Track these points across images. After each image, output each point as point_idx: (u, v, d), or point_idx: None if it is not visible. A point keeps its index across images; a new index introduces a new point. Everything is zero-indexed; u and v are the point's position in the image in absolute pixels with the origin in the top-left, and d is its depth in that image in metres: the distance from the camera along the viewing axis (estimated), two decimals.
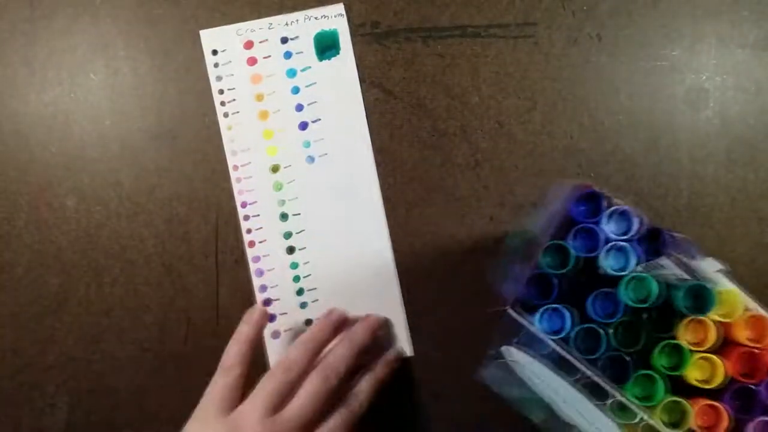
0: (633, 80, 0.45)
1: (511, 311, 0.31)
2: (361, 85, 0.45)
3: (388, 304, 0.45)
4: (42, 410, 0.45)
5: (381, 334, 0.44)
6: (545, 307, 0.32)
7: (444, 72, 0.45)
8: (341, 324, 0.43)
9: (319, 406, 0.38)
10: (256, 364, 0.41)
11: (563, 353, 0.31)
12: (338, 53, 0.44)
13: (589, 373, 0.31)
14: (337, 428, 0.39)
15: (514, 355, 0.32)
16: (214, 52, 0.44)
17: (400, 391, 0.46)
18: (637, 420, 0.31)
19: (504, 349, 0.32)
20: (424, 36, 0.45)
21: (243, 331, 0.41)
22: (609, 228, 0.33)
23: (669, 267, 0.34)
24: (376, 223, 0.45)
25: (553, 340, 0.31)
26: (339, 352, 0.41)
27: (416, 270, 0.45)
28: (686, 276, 0.34)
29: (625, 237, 0.33)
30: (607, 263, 0.33)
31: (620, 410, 0.32)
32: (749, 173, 0.45)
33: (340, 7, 0.44)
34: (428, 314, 0.46)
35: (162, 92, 0.44)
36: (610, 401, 0.31)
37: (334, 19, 0.44)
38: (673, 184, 0.46)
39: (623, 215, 0.33)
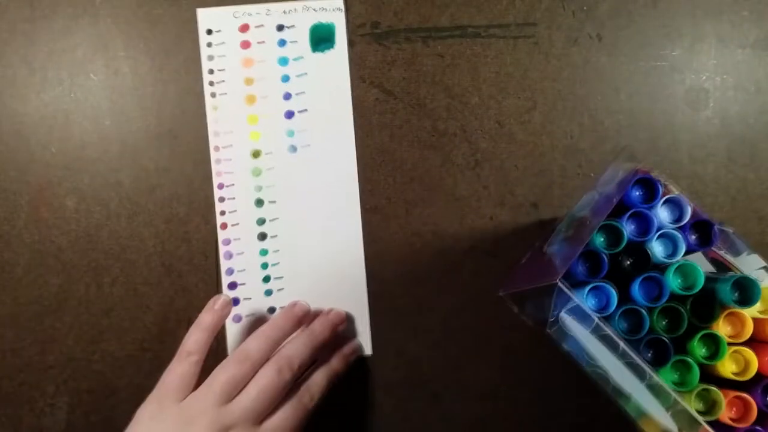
0: (633, 80, 0.45)
1: (560, 284, 0.31)
2: (361, 85, 0.45)
3: (354, 299, 0.45)
4: (42, 410, 0.45)
5: (341, 329, 0.44)
6: (593, 284, 0.33)
7: (444, 72, 0.45)
8: (303, 317, 0.43)
9: (271, 399, 0.38)
10: (213, 347, 0.41)
11: (607, 330, 0.31)
12: (332, 47, 0.44)
13: (629, 352, 0.31)
14: (287, 420, 0.39)
15: (569, 322, 0.33)
16: (209, 32, 0.44)
17: (400, 391, 0.46)
18: (670, 404, 0.32)
19: (562, 314, 0.33)
20: (424, 36, 0.45)
21: (205, 319, 0.41)
22: (661, 215, 0.33)
23: (701, 261, 0.34)
24: (350, 220, 0.45)
25: (597, 316, 0.32)
26: (295, 346, 0.40)
27: (416, 270, 0.45)
28: (713, 270, 0.35)
29: (676, 225, 0.33)
30: (657, 249, 0.33)
31: (654, 393, 0.32)
32: (749, 173, 0.45)
33: (339, 1, 0.44)
34: (428, 314, 0.46)
35: (162, 92, 0.44)
36: (645, 382, 0.32)
37: (332, 13, 0.44)
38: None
39: (676, 203, 0.34)
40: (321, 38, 0.44)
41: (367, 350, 0.45)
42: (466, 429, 0.46)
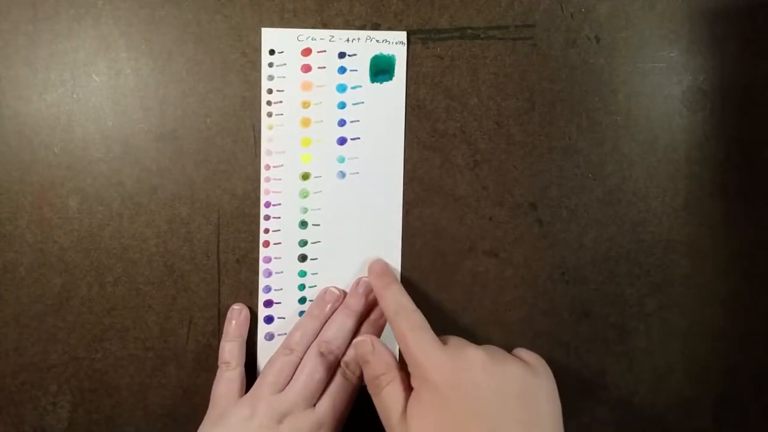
0: (631, 81, 0.46)
1: None
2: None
3: (387, 329, 0.45)
4: (44, 409, 0.45)
5: (372, 297, 0.44)
6: None
7: (443, 73, 0.45)
8: (335, 302, 0.44)
9: (319, 381, 0.41)
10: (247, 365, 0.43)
11: None
12: (391, 79, 0.45)
13: None
14: (336, 398, 0.41)
15: None
16: (272, 52, 0.44)
17: None
18: None
19: None
20: (424, 38, 0.45)
21: (230, 330, 0.44)
22: None
23: None
24: (391, 252, 0.45)
25: None
26: (334, 327, 0.43)
27: (416, 270, 0.46)
28: None
29: None
30: None
31: None
32: (747, 174, 0.46)
33: (402, 35, 0.45)
34: (428, 314, 0.46)
35: (164, 93, 0.45)
36: None
37: (395, 46, 0.45)
38: (670, 185, 0.46)
39: None
40: (381, 69, 0.45)
41: None
42: None
